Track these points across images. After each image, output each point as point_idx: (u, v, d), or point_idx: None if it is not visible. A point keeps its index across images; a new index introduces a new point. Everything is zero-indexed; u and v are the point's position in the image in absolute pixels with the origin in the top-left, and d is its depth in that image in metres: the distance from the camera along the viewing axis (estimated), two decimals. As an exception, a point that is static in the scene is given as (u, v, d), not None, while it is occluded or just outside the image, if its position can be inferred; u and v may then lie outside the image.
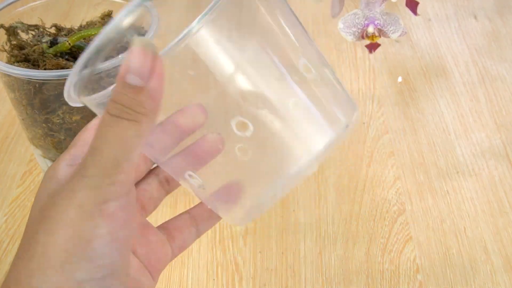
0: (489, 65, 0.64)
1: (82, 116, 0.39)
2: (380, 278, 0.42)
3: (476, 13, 0.72)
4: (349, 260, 0.43)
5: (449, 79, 0.62)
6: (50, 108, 0.39)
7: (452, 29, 0.70)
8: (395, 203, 0.48)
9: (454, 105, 0.58)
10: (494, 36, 0.68)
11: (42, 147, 0.43)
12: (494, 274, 0.42)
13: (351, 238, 0.45)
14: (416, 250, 0.44)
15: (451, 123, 0.56)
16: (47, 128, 0.40)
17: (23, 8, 0.44)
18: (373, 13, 0.49)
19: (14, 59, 0.40)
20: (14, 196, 0.49)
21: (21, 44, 0.41)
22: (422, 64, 0.64)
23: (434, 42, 0.67)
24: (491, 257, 0.44)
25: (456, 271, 0.43)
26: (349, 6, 0.63)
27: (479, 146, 0.53)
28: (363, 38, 0.50)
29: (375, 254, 0.44)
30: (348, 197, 0.48)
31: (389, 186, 0.49)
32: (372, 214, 0.47)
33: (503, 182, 0.50)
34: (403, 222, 0.46)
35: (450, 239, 0.45)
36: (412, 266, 0.43)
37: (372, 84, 0.61)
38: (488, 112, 0.57)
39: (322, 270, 0.43)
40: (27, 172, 0.51)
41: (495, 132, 0.55)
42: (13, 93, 0.40)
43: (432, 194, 0.49)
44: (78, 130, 0.40)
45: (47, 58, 0.39)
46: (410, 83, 0.61)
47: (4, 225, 0.46)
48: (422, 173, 0.51)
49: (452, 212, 0.47)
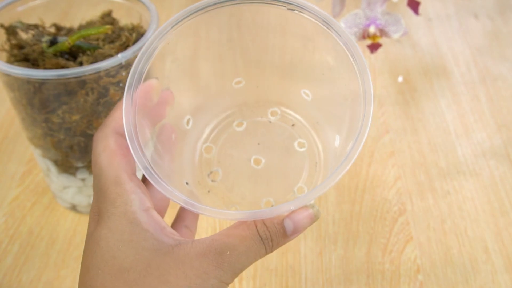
0: (490, 64, 0.64)
1: (82, 115, 0.39)
2: (381, 278, 0.42)
3: (477, 13, 0.72)
4: (349, 260, 0.43)
5: (450, 78, 0.62)
6: (49, 108, 0.39)
7: (453, 29, 0.69)
8: (395, 203, 0.48)
9: (455, 105, 0.58)
10: (495, 35, 0.68)
11: (42, 147, 0.42)
12: (495, 274, 0.42)
13: (351, 238, 0.45)
14: (416, 250, 0.44)
15: (452, 123, 0.56)
16: (46, 127, 0.40)
17: (22, 7, 0.44)
18: (374, 13, 0.49)
19: (13, 59, 0.40)
20: (13, 196, 0.49)
21: (21, 44, 0.41)
22: (423, 63, 0.64)
23: (435, 41, 0.67)
24: (492, 257, 0.43)
25: (457, 271, 0.43)
26: (350, 6, 0.63)
27: (480, 146, 0.53)
28: (364, 38, 0.50)
29: (375, 254, 0.44)
30: (348, 197, 0.48)
31: (390, 186, 0.49)
32: (372, 214, 0.47)
33: (504, 182, 0.50)
34: (403, 222, 0.46)
35: (450, 239, 0.45)
36: (413, 266, 0.43)
37: (373, 83, 0.61)
38: (489, 111, 0.57)
39: (323, 270, 0.43)
40: (26, 172, 0.51)
41: (496, 132, 0.55)
42: (13, 92, 0.40)
43: (432, 194, 0.49)
44: (78, 130, 0.40)
45: (47, 58, 0.39)
46: (410, 83, 0.61)
47: (3, 225, 0.46)
48: (423, 173, 0.51)
49: (453, 212, 0.47)
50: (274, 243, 0.26)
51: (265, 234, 0.26)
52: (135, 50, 0.38)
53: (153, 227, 0.26)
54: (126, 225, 0.25)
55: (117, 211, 0.25)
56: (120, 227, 0.25)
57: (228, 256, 0.25)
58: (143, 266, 0.24)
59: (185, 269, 0.24)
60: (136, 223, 0.25)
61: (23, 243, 0.45)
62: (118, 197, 0.26)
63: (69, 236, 0.45)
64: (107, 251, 0.25)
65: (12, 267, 0.43)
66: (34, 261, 0.43)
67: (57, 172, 0.44)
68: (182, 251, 0.25)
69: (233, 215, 0.26)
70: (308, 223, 0.26)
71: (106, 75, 0.38)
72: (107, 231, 0.25)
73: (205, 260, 0.25)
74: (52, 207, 0.48)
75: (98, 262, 0.25)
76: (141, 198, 0.26)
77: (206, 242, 0.25)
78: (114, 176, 0.26)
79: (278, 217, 0.26)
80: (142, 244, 0.25)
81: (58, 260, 0.44)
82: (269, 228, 0.26)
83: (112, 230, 0.25)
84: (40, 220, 0.47)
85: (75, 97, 0.38)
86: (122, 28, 0.42)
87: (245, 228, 0.26)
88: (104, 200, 0.26)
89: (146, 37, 0.40)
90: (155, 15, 0.42)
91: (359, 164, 0.51)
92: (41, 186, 0.49)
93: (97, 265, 0.25)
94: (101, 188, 0.26)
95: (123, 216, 0.25)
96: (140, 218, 0.25)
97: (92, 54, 0.40)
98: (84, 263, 0.26)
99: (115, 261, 0.25)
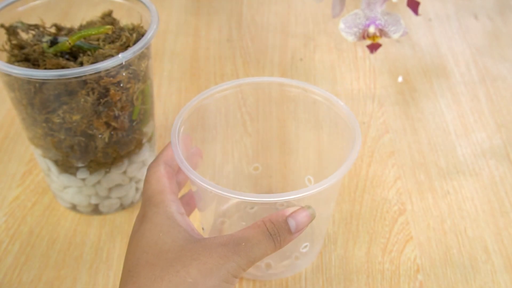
0: (489, 64, 0.64)
1: (82, 116, 0.39)
2: (381, 278, 0.42)
3: (476, 13, 0.72)
4: (349, 260, 0.43)
5: (449, 78, 0.62)
6: (50, 108, 0.39)
7: (453, 29, 0.70)
8: (395, 203, 0.48)
9: (454, 105, 0.58)
10: (494, 35, 0.68)
11: (42, 147, 0.43)
12: (494, 274, 0.42)
13: (351, 238, 0.45)
14: (416, 250, 0.44)
15: (451, 123, 0.56)
16: (47, 127, 0.40)
17: (23, 7, 0.44)
18: (374, 13, 0.49)
19: (14, 59, 0.40)
20: (14, 195, 0.49)
21: (21, 44, 0.41)
22: (423, 64, 0.64)
23: (435, 41, 0.67)
24: (492, 257, 0.44)
25: (457, 271, 0.43)
26: (350, 6, 0.63)
27: (479, 146, 0.53)
28: (364, 38, 0.50)
29: (375, 254, 0.44)
30: (348, 197, 0.48)
31: (390, 186, 0.49)
32: (372, 214, 0.47)
33: (503, 182, 0.50)
34: (403, 222, 0.46)
35: (450, 239, 0.45)
36: (413, 266, 0.43)
37: (373, 84, 0.61)
38: (489, 111, 0.57)
39: (323, 270, 0.43)
40: (27, 172, 0.51)
41: (496, 131, 0.55)
42: (13, 92, 0.40)
43: (432, 194, 0.49)
44: (78, 130, 0.40)
45: (47, 58, 0.39)
46: (410, 83, 0.61)
47: (4, 224, 0.46)
48: (423, 173, 0.51)
49: (452, 212, 0.47)
50: (282, 238, 0.32)
51: (273, 230, 0.32)
52: (135, 50, 0.39)
53: (186, 224, 0.33)
54: (165, 220, 0.32)
55: (160, 211, 0.33)
56: (161, 221, 0.32)
57: (243, 246, 0.31)
58: (178, 249, 0.31)
59: (211, 252, 0.30)
60: (173, 219, 0.32)
61: (24, 243, 0.45)
62: (161, 202, 0.33)
63: (70, 236, 0.45)
64: (151, 238, 0.32)
65: (12, 266, 0.43)
66: (35, 261, 0.43)
67: (57, 172, 0.44)
68: (208, 241, 0.31)
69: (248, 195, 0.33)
70: (307, 221, 0.33)
71: (107, 75, 0.38)
72: (151, 225, 0.32)
73: (225, 247, 0.31)
74: (53, 207, 0.48)
75: (143, 246, 0.31)
76: (178, 205, 0.34)
77: (226, 236, 0.31)
78: (160, 189, 0.34)
79: (283, 215, 0.32)
80: (177, 234, 0.32)
81: (59, 260, 0.44)
82: (276, 225, 0.32)
83: (154, 223, 0.32)
84: (41, 220, 0.47)
85: (75, 97, 0.38)
86: (123, 28, 0.42)
87: (256, 226, 0.32)
88: (149, 204, 0.34)
89: (146, 37, 0.40)
90: (155, 15, 0.42)
91: (359, 164, 0.51)
92: (42, 186, 0.50)
93: (142, 249, 0.31)
94: (149, 197, 0.34)
95: (163, 214, 0.33)
96: (176, 217, 0.33)
97: (92, 54, 0.40)
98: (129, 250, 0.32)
99: (156, 246, 0.31)
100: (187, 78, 0.62)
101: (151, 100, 0.44)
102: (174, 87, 0.61)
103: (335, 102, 0.40)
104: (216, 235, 0.43)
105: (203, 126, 0.42)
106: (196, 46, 0.67)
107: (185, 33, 0.69)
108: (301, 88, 0.41)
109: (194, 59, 0.65)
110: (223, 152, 0.46)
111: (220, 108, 0.42)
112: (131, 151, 0.44)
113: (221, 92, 0.41)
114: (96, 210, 0.47)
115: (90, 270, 0.43)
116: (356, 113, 0.57)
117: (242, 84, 0.41)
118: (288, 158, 0.47)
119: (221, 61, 0.64)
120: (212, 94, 0.41)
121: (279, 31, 0.70)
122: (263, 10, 0.74)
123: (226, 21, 0.71)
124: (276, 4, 0.74)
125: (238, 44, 0.67)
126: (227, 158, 0.46)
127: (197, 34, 0.69)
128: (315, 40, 0.68)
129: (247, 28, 0.70)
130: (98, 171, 0.44)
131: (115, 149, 0.42)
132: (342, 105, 0.39)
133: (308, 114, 0.42)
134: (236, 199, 0.34)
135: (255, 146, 0.47)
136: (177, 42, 0.68)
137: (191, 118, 0.40)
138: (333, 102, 0.40)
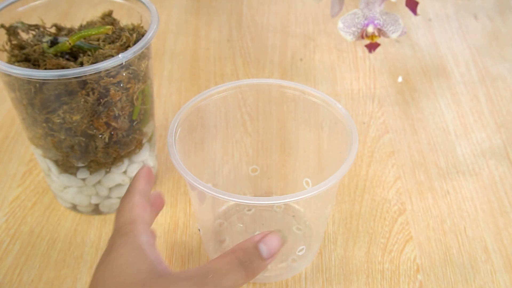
0: (489, 64, 0.64)
1: (82, 116, 0.39)
2: (381, 278, 0.42)
3: (476, 13, 0.72)
4: (349, 260, 0.43)
5: (449, 78, 0.62)
6: (50, 108, 0.39)
7: (453, 29, 0.70)
8: (395, 203, 0.48)
9: (454, 105, 0.58)
10: (494, 35, 0.68)
11: (42, 147, 0.43)
12: (494, 274, 0.42)
13: (351, 237, 0.45)
14: (416, 250, 0.44)
15: (451, 123, 0.56)
16: (47, 127, 0.40)
17: (23, 8, 0.44)
18: (372, 13, 0.49)
19: (14, 59, 0.40)
20: (14, 195, 0.49)
21: (22, 44, 0.41)
22: (423, 64, 0.64)
23: (435, 41, 0.67)
24: (492, 257, 0.44)
25: (457, 271, 0.43)
26: (348, 5, 0.63)
27: (479, 146, 0.53)
28: (362, 38, 0.50)
29: (375, 254, 0.44)
30: (348, 196, 0.48)
31: (390, 186, 0.49)
32: (372, 214, 0.47)
33: (503, 182, 0.50)
34: (403, 222, 0.46)
35: (450, 239, 0.45)
36: (413, 266, 0.43)
37: (372, 83, 0.61)
38: (489, 111, 0.57)
39: (323, 270, 0.43)
40: (27, 172, 0.51)
41: (496, 132, 0.55)
42: (13, 92, 0.40)
43: (432, 194, 0.49)
44: (78, 130, 0.40)
45: (48, 58, 0.39)
46: (410, 83, 0.61)
47: (4, 224, 0.46)
48: (423, 173, 0.51)
49: (452, 212, 0.47)
50: (255, 265, 0.31)
51: (244, 258, 0.30)
52: (135, 50, 0.39)
53: (154, 256, 0.31)
54: (132, 250, 0.31)
55: (128, 240, 0.31)
56: (127, 252, 0.31)
57: (211, 279, 0.29)
58: (141, 283, 0.29)
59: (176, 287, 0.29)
60: (140, 250, 0.31)
61: (24, 243, 0.45)
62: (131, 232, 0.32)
63: (70, 236, 0.45)
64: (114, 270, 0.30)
65: (12, 266, 0.43)
66: (35, 260, 0.44)
67: (57, 172, 0.44)
68: (173, 276, 0.30)
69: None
70: (279, 245, 0.32)
71: (107, 76, 0.38)
72: (117, 255, 0.31)
73: (191, 281, 0.29)
74: (53, 207, 0.48)
75: (106, 278, 0.30)
76: (148, 236, 0.32)
77: (192, 270, 0.30)
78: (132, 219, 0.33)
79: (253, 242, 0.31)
80: (142, 266, 0.30)
81: (59, 259, 0.44)
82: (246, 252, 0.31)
83: (120, 253, 0.31)
84: (41, 220, 0.47)
85: (75, 97, 0.38)
86: (123, 29, 0.42)
87: (225, 255, 0.31)
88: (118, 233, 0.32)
89: (146, 37, 0.40)
90: (155, 15, 0.42)
91: (359, 164, 0.51)
92: (42, 186, 0.50)
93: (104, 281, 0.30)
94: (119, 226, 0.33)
95: (131, 244, 0.31)
96: (144, 248, 0.31)
97: (92, 54, 0.40)
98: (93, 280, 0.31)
99: (120, 278, 0.30)
100: (187, 78, 0.62)
101: (151, 100, 0.44)
102: (174, 87, 0.61)
103: (333, 105, 0.40)
104: (213, 236, 0.43)
105: (203, 126, 0.42)
106: (196, 46, 0.67)
107: (185, 33, 0.69)
108: (299, 90, 0.41)
109: (194, 59, 0.65)
110: (223, 152, 0.46)
111: (220, 108, 0.42)
112: (131, 151, 0.44)
113: (220, 93, 0.41)
114: (97, 210, 0.47)
115: (91, 270, 0.43)
116: (356, 113, 0.57)
117: (241, 86, 0.42)
118: (287, 159, 0.47)
119: (221, 61, 0.64)
120: (211, 95, 0.41)
121: (279, 31, 0.70)
122: (263, 10, 0.74)
123: (226, 21, 0.71)
124: (276, 4, 0.74)
125: (238, 44, 0.67)
126: (227, 158, 0.46)
127: (197, 34, 0.69)
128: (315, 40, 0.68)
129: (247, 28, 0.70)
130: (99, 171, 0.44)
131: (115, 149, 0.43)
132: (340, 107, 0.39)
133: (308, 115, 0.43)
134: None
135: (255, 146, 0.47)
136: (177, 42, 0.68)
137: (191, 118, 0.40)
138: (331, 105, 0.40)
